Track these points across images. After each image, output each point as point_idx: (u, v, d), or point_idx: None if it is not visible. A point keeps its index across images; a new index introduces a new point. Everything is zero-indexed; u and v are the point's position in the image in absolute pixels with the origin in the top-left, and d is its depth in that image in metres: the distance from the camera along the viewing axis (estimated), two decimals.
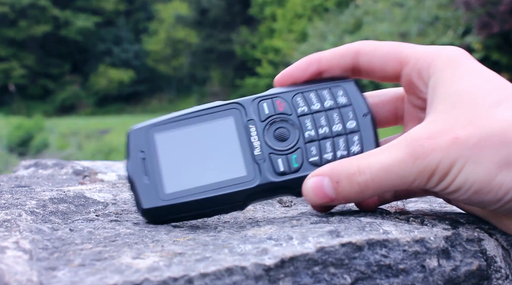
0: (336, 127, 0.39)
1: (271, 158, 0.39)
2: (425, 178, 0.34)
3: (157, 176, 0.39)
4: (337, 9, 10.41)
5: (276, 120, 0.40)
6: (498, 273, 0.36)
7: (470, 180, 0.33)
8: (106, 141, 7.50)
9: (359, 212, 0.41)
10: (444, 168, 0.34)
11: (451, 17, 6.50)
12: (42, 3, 16.97)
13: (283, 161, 0.39)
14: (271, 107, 0.40)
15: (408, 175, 0.34)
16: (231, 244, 0.34)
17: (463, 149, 0.33)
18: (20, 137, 7.66)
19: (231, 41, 16.57)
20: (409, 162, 0.34)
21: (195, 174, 0.39)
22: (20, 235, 0.35)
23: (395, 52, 0.40)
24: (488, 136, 0.33)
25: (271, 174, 0.38)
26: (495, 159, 0.33)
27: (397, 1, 7.58)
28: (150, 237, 0.36)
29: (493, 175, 0.33)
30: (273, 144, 0.39)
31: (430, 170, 0.34)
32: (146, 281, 0.28)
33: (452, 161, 0.33)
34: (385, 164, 0.35)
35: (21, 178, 0.63)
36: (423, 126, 0.36)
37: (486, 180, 0.33)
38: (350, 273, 0.32)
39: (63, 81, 17.86)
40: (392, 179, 0.35)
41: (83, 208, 0.44)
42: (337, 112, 0.40)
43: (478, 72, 0.37)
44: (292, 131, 0.40)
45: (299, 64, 0.42)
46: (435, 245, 0.35)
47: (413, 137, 0.35)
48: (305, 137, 0.39)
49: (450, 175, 0.34)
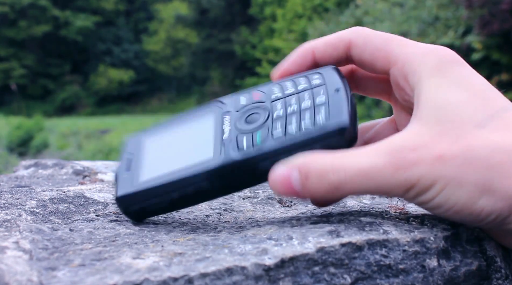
0: (305, 104, 0.38)
1: (237, 137, 0.38)
2: (402, 190, 0.33)
3: (137, 170, 0.40)
4: (337, 9, 10.40)
5: (250, 108, 0.40)
6: (498, 273, 0.36)
7: (451, 201, 0.33)
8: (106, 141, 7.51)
9: (359, 212, 0.41)
10: (424, 183, 0.33)
11: (451, 17, 6.50)
12: (42, 3, 16.97)
13: (248, 138, 0.38)
14: (247, 98, 0.41)
15: (386, 184, 0.33)
16: (231, 244, 0.34)
17: (447, 168, 0.32)
18: (20, 137, 7.67)
19: (231, 41, 16.57)
20: (389, 171, 0.33)
21: (169, 163, 0.40)
22: (20, 235, 0.35)
23: (385, 50, 0.39)
24: (473, 159, 0.32)
25: (234, 152, 0.37)
26: (478, 183, 0.32)
27: (397, 1, 7.57)
28: (150, 237, 0.36)
29: (475, 199, 0.32)
30: (242, 126, 0.39)
31: (410, 183, 0.33)
32: (146, 281, 0.28)
33: (435, 179, 0.33)
34: (362, 168, 0.34)
35: (21, 178, 0.63)
36: (408, 136, 0.34)
37: (468, 203, 0.33)
38: (350, 273, 0.32)
39: (63, 81, 17.86)
40: (368, 185, 0.34)
41: (83, 208, 0.44)
42: (309, 92, 0.39)
43: (466, 84, 0.36)
44: (262, 114, 0.39)
45: (294, 58, 0.42)
46: (435, 245, 0.35)
47: (396, 146, 0.34)
48: (273, 117, 0.38)
49: (430, 192, 0.33)
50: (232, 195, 0.54)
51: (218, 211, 0.47)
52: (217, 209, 0.47)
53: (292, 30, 12.19)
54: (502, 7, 5.58)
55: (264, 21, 14.82)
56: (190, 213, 0.45)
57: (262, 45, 14.16)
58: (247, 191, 0.55)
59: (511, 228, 0.34)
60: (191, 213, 0.45)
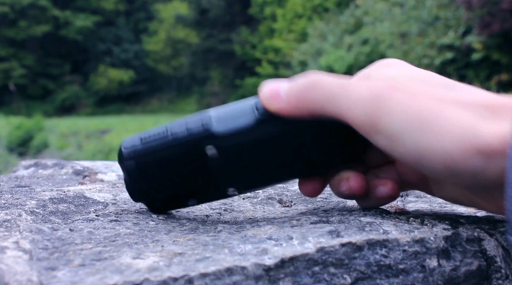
0: None
1: None
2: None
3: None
4: (337, 9, 10.42)
5: None
6: (498, 273, 0.36)
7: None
8: (106, 141, 7.51)
9: (359, 212, 0.41)
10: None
11: (451, 17, 6.50)
12: (42, 3, 16.98)
13: None
14: None
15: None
16: (231, 244, 0.34)
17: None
18: (20, 137, 7.67)
19: (231, 41, 16.57)
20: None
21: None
22: (20, 235, 0.35)
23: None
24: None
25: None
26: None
27: (397, 1, 7.57)
28: (150, 237, 0.36)
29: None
30: None
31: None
32: (146, 281, 0.28)
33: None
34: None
35: (21, 178, 0.64)
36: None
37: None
38: (350, 273, 0.32)
39: (63, 81, 17.87)
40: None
41: (83, 208, 0.44)
42: None
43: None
44: None
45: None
46: (435, 245, 0.35)
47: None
48: None
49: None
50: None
51: (218, 211, 0.47)
52: (217, 209, 0.47)
53: (292, 30, 12.20)
54: (502, 6, 5.58)
55: (264, 21, 14.82)
56: (190, 213, 0.45)
57: (262, 45, 14.17)
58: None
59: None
60: (191, 213, 0.45)
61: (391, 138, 0.33)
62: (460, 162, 0.31)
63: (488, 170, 0.31)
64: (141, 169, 0.40)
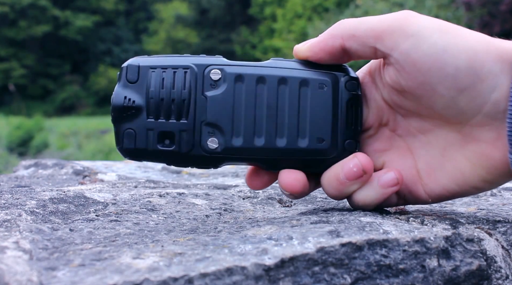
0: None
1: None
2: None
3: None
4: (337, 9, 10.41)
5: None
6: (498, 273, 0.36)
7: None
8: (106, 141, 7.50)
9: (359, 212, 0.41)
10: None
11: (451, 18, 6.49)
12: (42, 3, 16.97)
13: None
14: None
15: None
16: (231, 244, 0.34)
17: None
18: (20, 137, 7.66)
19: (231, 41, 16.57)
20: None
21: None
22: (20, 235, 0.35)
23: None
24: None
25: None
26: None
27: (397, 1, 7.57)
28: (150, 237, 0.36)
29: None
30: None
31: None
32: (146, 281, 0.28)
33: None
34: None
35: (21, 178, 0.64)
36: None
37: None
38: (350, 273, 0.32)
39: (63, 81, 17.86)
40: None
41: (83, 208, 0.44)
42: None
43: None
44: None
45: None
46: (435, 245, 0.35)
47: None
48: None
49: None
50: (232, 195, 0.54)
51: (218, 211, 0.47)
52: (217, 209, 0.47)
53: (292, 30, 12.20)
54: (502, 7, 5.58)
55: (264, 21, 14.82)
56: (190, 213, 0.45)
57: (262, 45, 14.17)
58: (247, 191, 0.55)
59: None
60: (191, 213, 0.45)
61: (418, 38, 0.38)
62: (481, 60, 0.36)
63: (501, 79, 0.36)
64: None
